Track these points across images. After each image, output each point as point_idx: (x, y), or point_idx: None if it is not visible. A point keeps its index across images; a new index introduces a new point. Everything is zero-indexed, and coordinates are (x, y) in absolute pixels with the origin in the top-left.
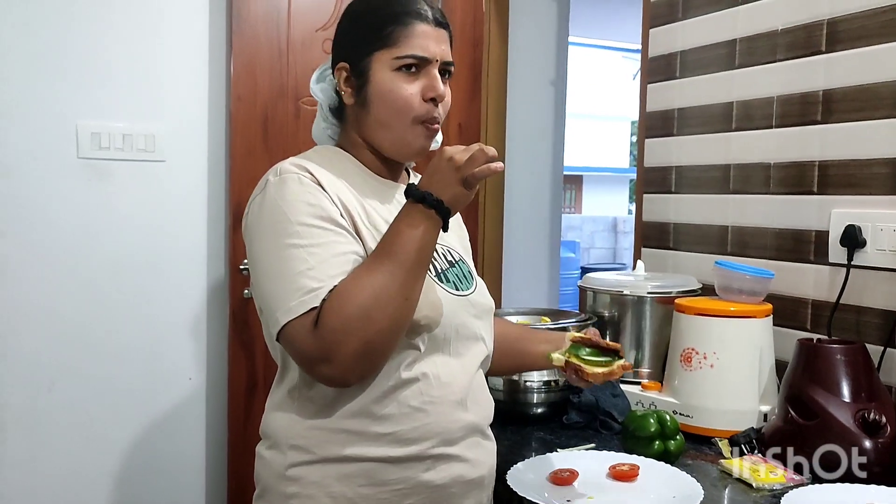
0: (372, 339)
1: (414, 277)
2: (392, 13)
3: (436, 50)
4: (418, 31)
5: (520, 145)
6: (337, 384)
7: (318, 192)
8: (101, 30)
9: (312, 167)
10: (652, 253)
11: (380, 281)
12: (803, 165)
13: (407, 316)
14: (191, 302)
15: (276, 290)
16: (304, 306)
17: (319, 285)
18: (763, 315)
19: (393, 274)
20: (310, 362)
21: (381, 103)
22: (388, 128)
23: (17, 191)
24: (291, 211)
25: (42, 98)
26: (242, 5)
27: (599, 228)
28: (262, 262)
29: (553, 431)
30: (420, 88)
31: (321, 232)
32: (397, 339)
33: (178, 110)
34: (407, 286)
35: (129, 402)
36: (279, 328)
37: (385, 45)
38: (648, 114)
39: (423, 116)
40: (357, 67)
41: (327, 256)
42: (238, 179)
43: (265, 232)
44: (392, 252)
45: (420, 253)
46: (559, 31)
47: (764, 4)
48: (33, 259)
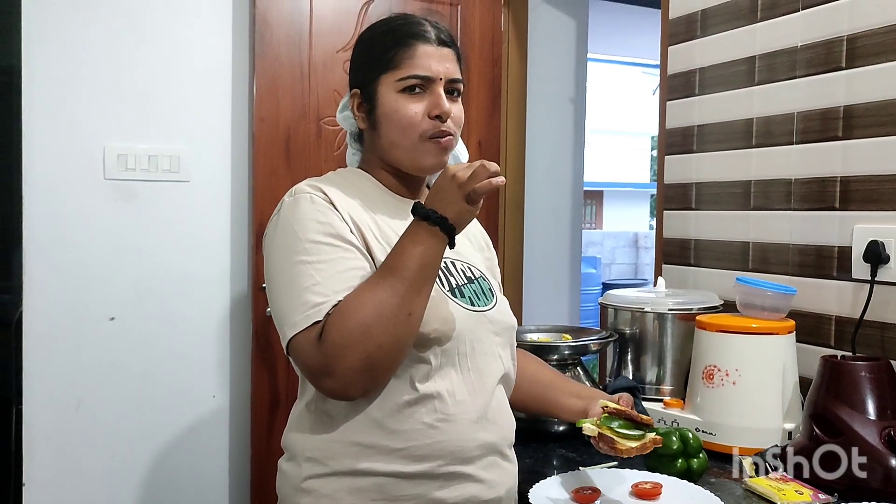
0: (372, 353)
1: (416, 293)
2: (394, 37)
3: (439, 68)
4: (420, 51)
5: (540, 162)
6: (339, 397)
7: (328, 210)
8: (128, 55)
9: (326, 187)
10: (673, 269)
11: (381, 296)
12: (825, 181)
13: (409, 332)
14: (214, 320)
15: (285, 305)
16: (307, 320)
17: (323, 300)
18: (786, 332)
19: (395, 289)
20: (313, 375)
21: (388, 124)
22: (399, 147)
23: (45, 212)
24: (302, 229)
25: (70, 121)
26: (265, 29)
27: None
28: (274, 278)
29: (576, 449)
30: (425, 107)
31: (329, 248)
32: (400, 354)
33: (202, 132)
34: (409, 302)
35: (155, 421)
36: (286, 342)
37: (389, 67)
38: (668, 130)
39: (430, 132)
40: (366, 92)
41: (333, 272)
42: (261, 199)
43: (278, 249)
44: (395, 268)
45: (423, 269)
46: (578, 47)
47: (783, 21)
48: (60, 278)
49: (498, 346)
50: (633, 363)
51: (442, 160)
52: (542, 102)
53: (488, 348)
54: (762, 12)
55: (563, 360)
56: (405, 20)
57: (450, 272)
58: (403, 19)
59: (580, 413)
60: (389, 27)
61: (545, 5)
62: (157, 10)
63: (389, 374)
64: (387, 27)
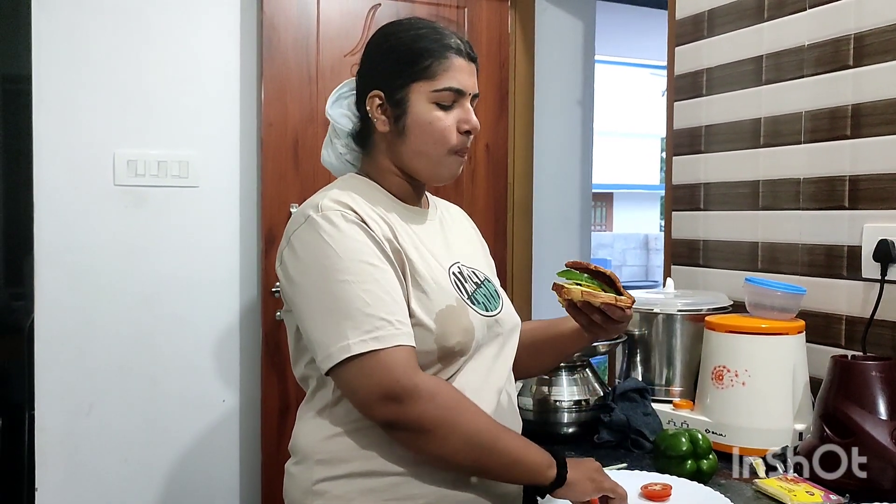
0: (436, 432)
1: (496, 472)
2: (429, 46)
3: (468, 83)
4: (455, 64)
5: (548, 164)
6: (387, 425)
7: (360, 227)
8: (137, 62)
9: (350, 202)
10: (682, 270)
11: (486, 434)
12: (834, 180)
13: (464, 467)
14: (224, 325)
15: (331, 328)
16: (364, 346)
17: (378, 325)
18: (795, 332)
19: (495, 446)
20: (375, 397)
21: (419, 133)
22: (425, 156)
23: (56, 218)
24: (340, 248)
25: (80, 128)
26: (273, 33)
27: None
28: (310, 299)
29: (584, 451)
30: (455, 121)
31: (371, 269)
32: (444, 461)
33: (210, 137)
34: (485, 469)
35: (165, 425)
36: (332, 363)
37: (423, 77)
38: (676, 131)
39: (458, 147)
40: (393, 98)
41: (381, 293)
42: (269, 203)
43: (314, 269)
44: (508, 442)
45: (513, 466)
46: (585, 49)
47: (789, 21)
48: (71, 284)
49: (505, 347)
50: (642, 364)
51: (458, 172)
52: (550, 104)
53: (497, 350)
54: (769, 12)
55: (571, 362)
56: (434, 29)
57: (464, 278)
58: (430, 27)
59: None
60: (419, 34)
61: (552, 7)
62: (166, 17)
63: (423, 455)
64: (416, 33)
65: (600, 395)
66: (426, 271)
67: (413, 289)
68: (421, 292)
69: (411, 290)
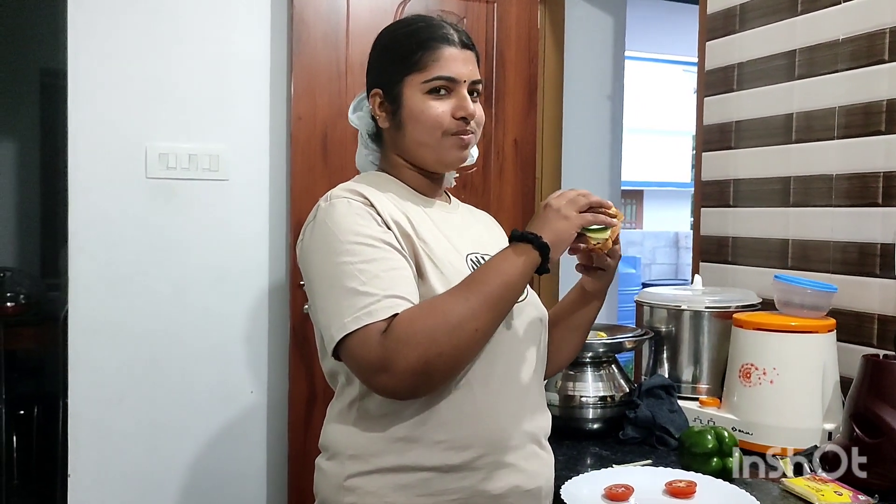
0: (431, 359)
1: (489, 310)
2: (419, 40)
3: (463, 70)
4: (445, 54)
5: (576, 160)
6: (391, 395)
7: (366, 212)
8: (169, 57)
9: (362, 188)
10: (711, 267)
11: (452, 306)
12: (867, 177)
13: (473, 345)
14: (253, 317)
15: (331, 308)
16: (357, 322)
17: (372, 301)
18: (826, 330)
19: (468, 302)
20: (369, 371)
21: (414, 123)
22: (424, 145)
23: (90, 210)
24: (340, 231)
25: (114, 122)
26: (302, 28)
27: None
28: (316, 281)
29: (609, 447)
30: (450, 107)
31: (370, 249)
32: (459, 365)
33: (240, 131)
34: (479, 317)
35: (194, 415)
36: (334, 344)
37: (414, 69)
38: (706, 127)
39: (453, 129)
40: (390, 93)
41: (378, 272)
42: (299, 197)
43: (317, 253)
44: (474, 282)
45: (503, 287)
46: (615, 45)
47: (823, 14)
48: (104, 275)
49: (530, 338)
50: (668, 361)
51: (463, 155)
52: (579, 100)
53: (522, 340)
54: (802, 5)
55: (597, 358)
56: (426, 22)
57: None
58: (424, 21)
59: (577, 288)
60: (411, 29)
61: (582, 2)
62: (197, 12)
63: (445, 381)
64: (408, 29)
65: (626, 391)
66: (443, 254)
67: (429, 271)
68: (439, 273)
69: (428, 271)
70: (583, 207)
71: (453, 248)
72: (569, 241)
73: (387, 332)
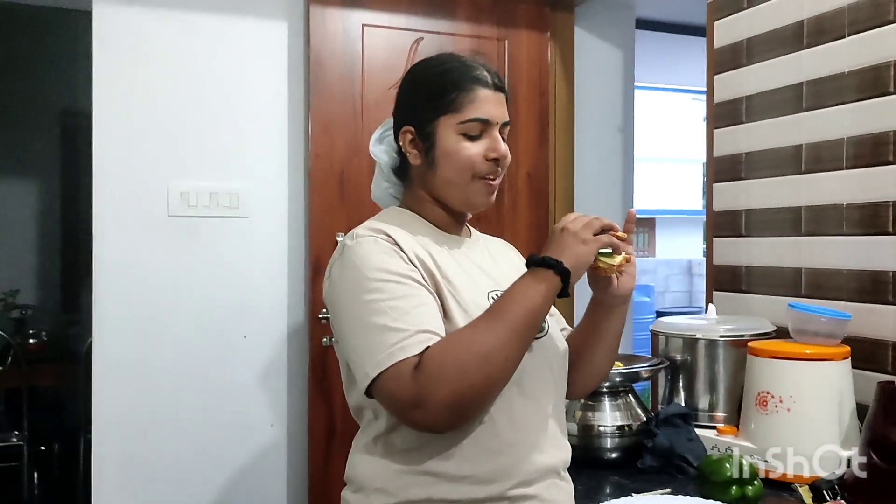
0: (464, 392)
1: (516, 339)
2: (455, 80)
3: (496, 112)
4: (480, 96)
5: (589, 191)
6: (427, 430)
7: (392, 249)
8: (190, 98)
9: (386, 227)
10: (724, 296)
11: (480, 337)
12: (878, 206)
13: (503, 375)
14: (273, 351)
15: (363, 346)
16: (391, 359)
17: (403, 336)
18: (841, 357)
19: (496, 332)
20: (404, 407)
21: (447, 163)
22: (453, 185)
23: (114, 247)
24: (368, 269)
25: (137, 161)
26: (319, 69)
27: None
28: (344, 320)
29: (628, 476)
30: (483, 149)
31: (398, 286)
32: (492, 394)
33: (260, 169)
34: (507, 346)
35: (216, 449)
36: (368, 381)
37: (449, 110)
38: (716, 158)
39: (483, 173)
40: (423, 131)
41: (408, 308)
42: (317, 233)
43: (345, 292)
44: (500, 311)
45: (527, 315)
46: (625, 77)
47: (828, 48)
48: (127, 312)
49: (551, 373)
50: (685, 390)
51: (490, 200)
52: (590, 132)
53: (543, 374)
54: (808, 39)
55: (613, 388)
56: (460, 62)
57: None
58: (458, 61)
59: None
60: (446, 68)
61: (591, 36)
62: (217, 54)
63: (479, 412)
64: (443, 68)
65: (643, 420)
66: (466, 294)
67: (454, 310)
68: (463, 312)
69: (453, 310)
70: (597, 230)
71: (476, 286)
72: (588, 264)
73: (418, 368)
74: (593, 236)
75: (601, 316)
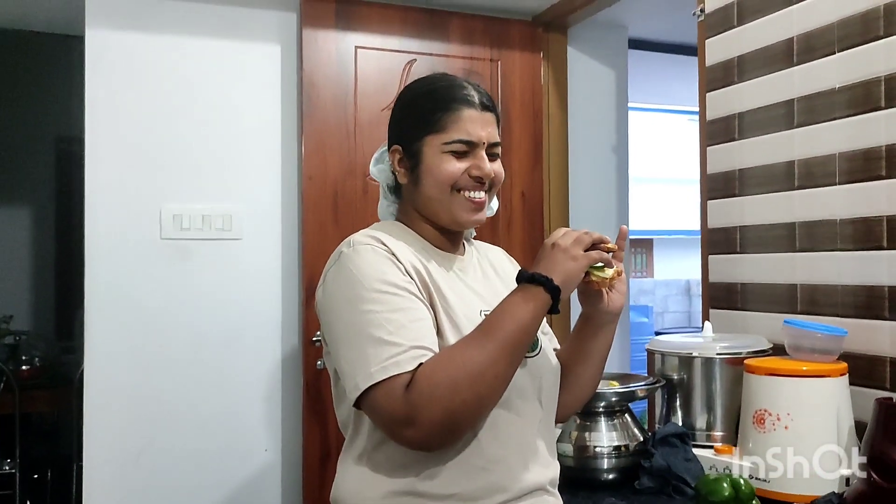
0: (456, 410)
1: (507, 355)
2: (440, 100)
3: (481, 133)
4: (465, 116)
5: (583, 211)
6: (418, 448)
7: (389, 260)
8: (183, 121)
9: (383, 237)
10: (720, 314)
11: (471, 355)
12: (871, 221)
13: (495, 392)
14: (266, 375)
15: (355, 356)
16: (385, 372)
17: (399, 351)
18: (838, 374)
19: (486, 349)
20: (394, 424)
21: (428, 179)
22: (435, 200)
23: (106, 271)
24: (366, 278)
25: (129, 185)
26: (312, 91)
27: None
28: (338, 328)
29: (625, 497)
30: (466, 167)
31: (396, 298)
32: (483, 412)
33: (253, 191)
34: (498, 363)
35: (210, 474)
36: (359, 393)
37: (434, 130)
38: (710, 175)
39: (462, 185)
40: (409, 150)
41: (405, 322)
42: (310, 255)
43: (341, 300)
44: (490, 328)
45: (518, 332)
46: (618, 97)
47: (819, 64)
48: (120, 336)
49: (541, 391)
50: (682, 409)
51: (478, 217)
52: (584, 153)
53: (532, 393)
54: (798, 56)
55: (610, 407)
56: (449, 82)
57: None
58: (447, 81)
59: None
60: (433, 88)
61: (584, 57)
62: (210, 77)
63: (470, 429)
64: (430, 88)
65: (640, 440)
66: (460, 310)
67: (447, 328)
68: (456, 330)
69: (446, 328)
70: (587, 246)
71: (468, 304)
72: (578, 280)
73: (410, 386)
74: (583, 252)
75: (589, 333)
